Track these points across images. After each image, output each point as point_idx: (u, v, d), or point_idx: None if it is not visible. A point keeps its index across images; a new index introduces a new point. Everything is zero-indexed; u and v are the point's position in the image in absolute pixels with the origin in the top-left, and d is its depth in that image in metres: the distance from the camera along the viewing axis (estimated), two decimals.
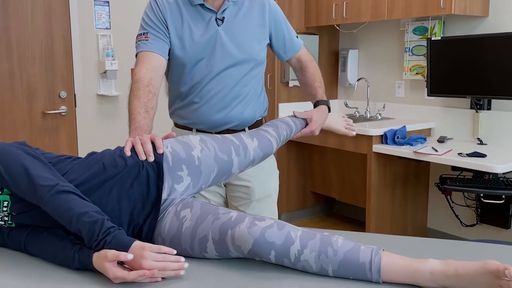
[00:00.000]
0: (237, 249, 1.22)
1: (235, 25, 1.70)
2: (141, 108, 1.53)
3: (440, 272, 1.09)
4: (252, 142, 1.54)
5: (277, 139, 1.63)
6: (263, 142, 1.57)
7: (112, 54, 3.31)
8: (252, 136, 1.57)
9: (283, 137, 1.67)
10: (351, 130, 1.95)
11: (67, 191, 1.21)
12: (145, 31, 1.67)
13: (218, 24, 1.68)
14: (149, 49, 1.64)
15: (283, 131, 1.67)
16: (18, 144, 1.35)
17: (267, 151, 1.59)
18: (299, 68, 1.92)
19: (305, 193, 4.12)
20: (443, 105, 3.41)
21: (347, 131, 1.94)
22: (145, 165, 1.35)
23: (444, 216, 3.49)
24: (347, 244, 1.18)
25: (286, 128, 1.69)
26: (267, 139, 1.59)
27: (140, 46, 1.67)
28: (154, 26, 1.67)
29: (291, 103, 3.86)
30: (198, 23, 1.68)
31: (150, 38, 1.65)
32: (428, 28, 3.37)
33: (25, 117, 3.05)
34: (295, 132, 1.75)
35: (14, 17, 2.95)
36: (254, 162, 1.57)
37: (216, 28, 1.68)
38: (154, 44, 1.65)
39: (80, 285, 1.14)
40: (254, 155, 1.54)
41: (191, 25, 1.68)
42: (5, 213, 1.32)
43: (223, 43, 1.67)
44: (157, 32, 1.66)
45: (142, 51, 1.65)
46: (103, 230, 1.16)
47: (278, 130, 1.65)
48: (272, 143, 1.60)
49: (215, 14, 1.69)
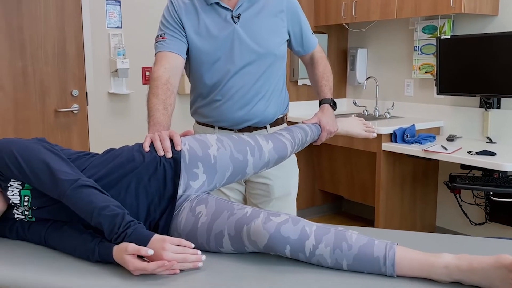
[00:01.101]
0: (252, 244, 1.25)
1: (251, 21, 1.72)
2: (159, 105, 1.56)
3: (455, 266, 1.11)
4: (267, 144, 1.56)
5: (292, 142, 1.65)
6: (278, 144, 1.59)
7: (123, 53, 3.34)
8: (268, 138, 1.59)
9: (299, 141, 1.69)
10: (371, 132, 1.94)
11: (88, 186, 1.24)
12: (162, 32, 1.71)
13: (234, 21, 1.70)
14: (166, 49, 1.68)
15: (298, 135, 1.69)
16: (38, 141, 1.38)
17: (282, 154, 1.61)
18: (310, 64, 1.95)
19: (314, 192, 4.13)
20: (452, 103, 3.41)
21: (368, 134, 1.94)
22: (163, 161, 1.37)
23: (453, 215, 3.50)
24: (361, 238, 1.20)
25: (300, 132, 1.71)
26: (282, 142, 1.61)
27: (158, 47, 1.70)
28: (170, 27, 1.70)
29: (300, 102, 3.88)
30: (214, 21, 1.70)
31: (167, 39, 1.69)
32: (437, 27, 3.38)
33: (38, 115, 3.10)
34: (312, 136, 1.77)
35: (28, 17, 2.99)
36: (269, 164, 1.59)
37: (233, 26, 1.70)
38: (171, 44, 1.68)
39: (100, 277, 1.17)
40: (269, 157, 1.56)
41: (207, 24, 1.70)
42: (26, 207, 1.35)
43: (241, 39, 1.70)
44: (174, 33, 1.69)
45: (160, 51, 1.69)
46: (123, 223, 1.19)
47: (293, 134, 1.68)
48: (287, 146, 1.62)
49: (231, 12, 1.71)
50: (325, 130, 1.80)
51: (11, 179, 1.34)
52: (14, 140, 1.34)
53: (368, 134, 1.94)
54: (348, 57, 4.06)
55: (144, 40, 3.46)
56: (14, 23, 2.95)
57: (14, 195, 1.34)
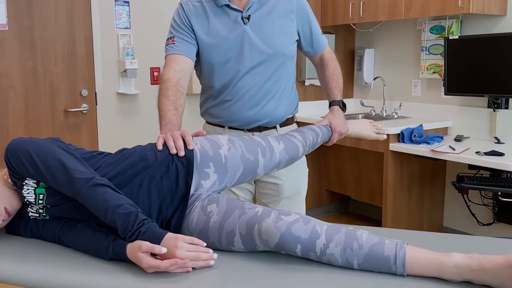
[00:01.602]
0: (264, 243, 1.26)
1: (261, 22, 1.73)
2: (170, 106, 1.59)
3: (465, 265, 1.12)
4: (278, 145, 1.58)
5: (303, 144, 1.66)
6: (290, 145, 1.61)
7: (132, 53, 3.37)
8: (279, 139, 1.61)
9: (310, 142, 1.71)
10: (381, 134, 1.95)
11: (103, 184, 1.26)
12: (172, 35, 1.74)
13: (244, 22, 1.72)
14: (176, 52, 1.70)
15: (309, 136, 1.71)
16: (53, 140, 1.40)
17: (293, 155, 1.62)
18: (320, 65, 1.96)
19: (321, 192, 4.14)
20: (460, 104, 3.41)
21: (378, 136, 1.95)
22: (175, 160, 1.39)
23: (460, 215, 3.50)
24: (372, 238, 1.22)
25: (312, 133, 1.73)
26: (294, 143, 1.62)
27: (168, 49, 1.73)
28: (180, 30, 1.72)
29: (307, 102, 3.89)
30: (224, 23, 1.72)
31: (176, 42, 1.71)
32: (445, 27, 3.38)
33: (48, 114, 3.13)
34: (323, 137, 1.78)
35: (38, 17, 3.03)
36: (280, 165, 1.60)
37: (243, 27, 1.71)
38: (180, 47, 1.71)
39: (114, 275, 1.19)
40: (280, 158, 1.57)
41: (217, 26, 1.72)
42: (41, 205, 1.37)
43: (250, 40, 1.71)
44: (183, 35, 1.72)
45: (170, 54, 1.71)
46: (137, 222, 1.21)
47: (304, 135, 1.69)
48: (299, 147, 1.64)
49: (241, 13, 1.72)
50: (336, 131, 1.83)
51: (26, 178, 1.36)
52: (30, 140, 1.36)
53: (379, 136, 1.95)
54: (355, 57, 4.07)
55: (152, 40, 3.48)
56: (24, 23, 2.98)
57: (29, 194, 1.36)
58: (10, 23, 2.93)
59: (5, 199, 1.38)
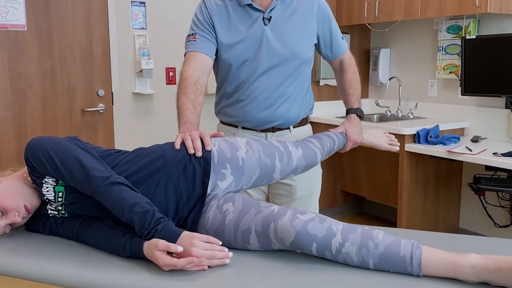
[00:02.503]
0: (279, 241, 1.27)
1: (282, 24, 1.73)
2: (189, 104, 1.59)
3: (482, 266, 1.11)
4: (296, 150, 1.58)
5: (321, 150, 1.67)
6: (308, 152, 1.61)
7: (147, 54, 3.40)
8: (298, 145, 1.61)
9: (327, 149, 1.71)
10: (394, 145, 1.95)
11: (120, 183, 1.28)
12: (194, 32, 1.74)
13: (265, 23, 1.72)
14: (196, 50, 1.71)
15: (327, 143, 1.71)
16: (71, 139, 1.42)
17: (311, 161, 1.62)
18: (339, 70, 1.95)
19: (335, 192, 4.13)
20: (477, 104, 3.38)
21: (390, 147, 1.95)
22: (192, 160, 1.40)
23: (477, 217, 3.46)
24: (387, 238, 1.21)
25: (329, 140, 1.74)
26: (312, 150, 1.63)
27: (188, 46, 1.73)
28: (201, 27, 1.73)
29: (322, 102, 3.88)
30: (245, 23, 1.72)
31: (197, 39, 1.71)
32: (462, 26, 3.35)
33: (65, 114, 3.17)
34: (338, 145, 1.79)
35: (56, 18, 3.07)
36: (297, 171, 1.61)
37: (263, 28, 1.72)
38: (201, 45, 1.71)
39: (131, 272, 1.21)
40: (297, 164, 1.58)
41: (238, 25, 1.72)
42: (60, 203, 1.39)
43: (269, 42, 1.71)
44: (204, 33, 1.72)
45: (190, 51, 1.72)
46: (154, 220, 1.22)
47: (322, 142, 1.70)
48: (317, 153, 1.64)
49: (262, 14, 1.72)
50: (351, 140, 1.83)
51: (45, 176, 1.38)
52: (49, 139, 1.38)
53: (391, 147, 1.95)
54: (371, 57, 4.05)
55: (168, 41, 3.51)
56: (43, 24, 3.03)
57: (48, 191, 1.38)
58: (29, 23, 2.98)
59: (25, 197, 1.41)
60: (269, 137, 1.81)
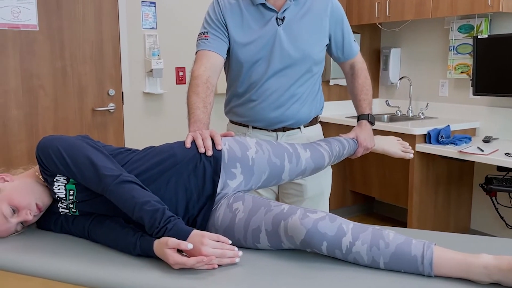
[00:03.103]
0: (289, 240, 1.26)
1: (295, 25, 1.72)
2: (199, 103, 1.59)
3: (494, 266, 1.10)
4: (305, 152, 1.58)
5: (329, 153, 1.66)
6: (316, 154, 1.61)
7: (158, 53, 3.41)
8: (306, 147, 1.61)
9: (336, 153, 1.70)
10: (408, 152, 1.93)
11: (130, 181, 1.28)
12: (206, 30, 1.73)
13: (278, 24, 1.71)
14: (208, 48, 1.70)
15: (336, 147, 1.71)
16: (82, 137, 1.43)
17: (318, 164, 1.62)
18: (350, 75, 1.93)
19: (345, 192, 4.11)
20: (488, 104, 3.34)
21: (404, 154, 1.93)
22: (203, 159, 1.41)
23: (488, 217, 3.43)
24: (398, 237, 1.21)
25: (338, 144, 1.73)
26: (320, 152, 1.63)
27: (200, 44, 1.72)
28: (214, 26, 1.72)
29: (332, 102, 3.87)
30: (258, 22, 1.72)
31: (209, 38, 1.71)
32: (474, 26, 3.32)
33: (76, 113, 3.19)
34: (349, 150, 1.78)
35: (67, 18, 3.09)
36: (305, 173, 1.61)
37: (276, 28, 1.71)
38: (213, 43, 1.70)
39: (141, 270, 1.21)
40: (306, 165, 1.58)
41: (251, 25, 1.71)
42: (71, 201, 1.40)
43: (282, 43, 1.70)
44: (217, 32, 1.71)
45: (202, 49, 1.71)
46: (164, 218, 1.22)
47: (331, 146, 1.69)
48: (325, 156, 1.64)
49: (276, 14, 1.71)
50: (362, 146, 1.82)
51: (56, 174, 1.39)
52: (60, 137, 1.39)
53: (405, 154, 1.93)
54: (381, 56, 4.03)
55: (178, 40, 3.52)
56: (54, 24, 3.05)
57: (60, 190, 1.39)
58: (40, 24, 3.01)
59: (36, 195, 1.42)
60: (279, 136, 1.81)
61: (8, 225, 1.39)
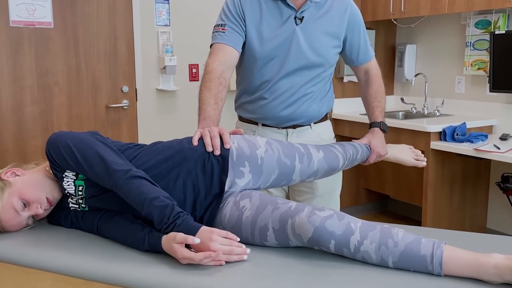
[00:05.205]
0: (297, 238, 1.25)
1: (313, 27, 1.70)
2: (211, 99, 1.57)
3: (506, 266, 1.08)
4: (318, 153, 1.56)
5: (343, 156, 1.64)
6: (329, 155, 1.59)
7: (171, 50, 3.42)
8: (319, 148, 1.59)
9: (350, 156, 1.69)
10: (420, 160, 1.90)
11: (140, 177, 1.29)
12: (223, 22, 1.69)
13: (296, 23, 1.69)
14: (224, 42, 1.67)
15: (349, 151, 1.69)
16: (91, 133, 1.44)
17: (332, 165, 1.60)
18: (364, 80, 1.90)
19: (358, 190, 4.08)
20: (506, 101, 3.28)
21: (417, 162, 1.90)
22: (211, 157, 1.40)
23: (505, 217, 3.37)
24: (408, 236, 1.19)
25: (352, 148, 1.71)
26: (334, 154, 1.61)
27: (216, 37, 1.69)
28: (232, 19, 1.68)
29: (346, 99, 3.84)
30: (276, 19, 1.69)
31: (226, 31, 1.67)
32: (491, 21, 3.25)
33: (90, 110, 3.22)
34: (361, 155, 1.77)
35: (81, 15, 3.12)
36: (318, 174, 1.59)
37: (294, 27, 1.69)
38: (229, 37, 1.67)
39: (150, 266, 1.21)
40: (318, 166, 1.56)
41: (269, 21, 1.69)
42: (80, 196, 1.41)
43: (299, 43, 1.68)
44: (234, 25, 1.68)
45: (217, 42, 1.68)
46: (173, 214, 1.23)
47: (345, 149, 1.68)
48: (339, 158, 1.62)
49: (295, 12, 1.69)
50: (375, 152, 1.81)
51: (66, 170, 1.40)
52: (69, 133, 1.40)
53: (418, 163, 1.90)
54: (396, 53, 3.98)
55: (191, 37, 3.53)
56: (68, 21, 3.08)
57: (69, 185, 1.40)
58: (55, 21, 3.04)
59: (47, 189, 1.43)
60: (289, 133, 1.79)
61: (19, 219, 1.40)
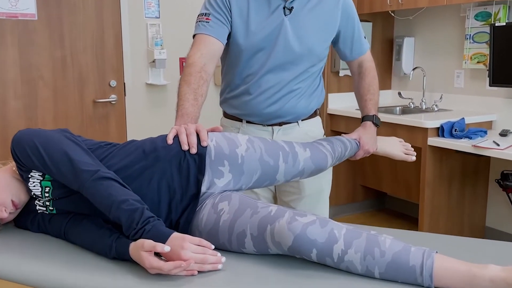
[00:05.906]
0: (276, 246, 1.16)
1: (302, 18, 1.61)
2: (190, 95, 1.48)
3: (502, 279, 0.99)
4: (304, 152, 1.46)
5: (332, 154, 1.55)
6: (317, 154, 1.49)
7: (161, 43, 3.32)
8: (306, 146, 1.49)
9: (338, 154, 1.60)
10: (411, 155, 1.83)
11: (109, 178, 1.20)
12: (207, 11, 1.59)
13: (285, 13, 1.59)
14: (207, 32, 1.57)
15: (338, 148, 1.60)
16: (60, 131, 1.35)
17: (320, 165, 1.50)
18: (357, 73, 1.82)
19: (355, 187, 4.00)
20: (506, 96, 3.18)
21: (406, 157, 1.83)
22: (187, 156, 1.31)
23: (504, 215, 3.28)
24: (396, 245, 1.09)
25: (341, 145, 1.62)
26: (322, 153, 1.51)
27: (200, 27, 1.59)
28: (217, 9, 1.58)
29: (341, 93, 3.75)
30: (264, 9, 1.59)
31: (211, 20, 1.57)
32: (491, 13, 3.15)
33: (77, 105, 3.12)
34: (350, 152, 1.68)
35: (66, 7, 3.01)
36: (303, 174, 1.49)
37: (282, 18, 1.59)
38: (214, 28, 1.57)
39: (116, 275, 1.13)
40: (304, 166, 1.46)
41: (256, 10, 1.59)
42: (47, 198, 1.32)
43: (287, 36, 1.59)
44: (219, 15, 1.58)
45: (201, 33, 1.58)
46: (142, 219, 1.14)
47: (333, 146, 1.58)
48: (327, 157, 1.52)
49: (284, 3, 1.59)
50: (363, 149, 1.72)
51: (32, 170, 1.31)
52: (36, 131, 1.31)
53: (407, 157, 1.83)
54: (394, 46, 3.88)
55: (181, 30, 3.42)
56: (53, 13, 2.98)
57: (35, 186, 1.32)
58: (39, 12, 2.93)
59: (12, 191, 1.34)
60: (275, 131, 1.70)
61: None
